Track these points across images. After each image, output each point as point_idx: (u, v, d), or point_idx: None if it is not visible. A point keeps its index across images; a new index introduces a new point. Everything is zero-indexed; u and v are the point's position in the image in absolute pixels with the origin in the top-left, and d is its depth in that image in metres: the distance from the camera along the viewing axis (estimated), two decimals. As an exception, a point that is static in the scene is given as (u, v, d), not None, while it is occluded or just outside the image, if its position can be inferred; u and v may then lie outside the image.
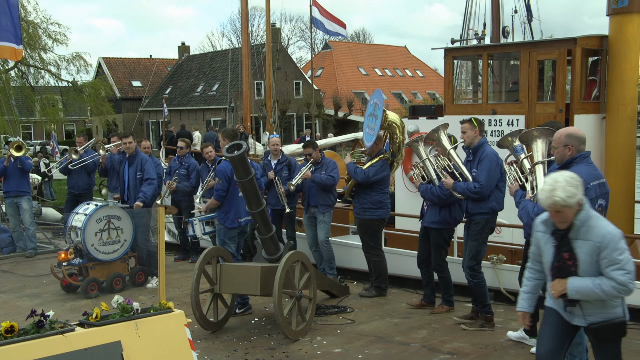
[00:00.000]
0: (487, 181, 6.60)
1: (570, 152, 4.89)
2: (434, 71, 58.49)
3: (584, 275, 4.02)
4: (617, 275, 3.90)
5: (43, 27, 29.20)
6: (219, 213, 7.87)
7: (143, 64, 52.00)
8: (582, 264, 4.02)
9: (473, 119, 6.81)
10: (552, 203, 3.95)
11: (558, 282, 4.08)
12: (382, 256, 8.31)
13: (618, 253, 3.92)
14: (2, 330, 3.81)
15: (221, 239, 7.87)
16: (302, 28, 60.94)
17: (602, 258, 3.95)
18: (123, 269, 8.90)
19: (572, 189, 3.93)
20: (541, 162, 5.35)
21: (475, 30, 14.36)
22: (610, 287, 3.91)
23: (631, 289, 3.92)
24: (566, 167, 4.91)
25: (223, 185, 7.65)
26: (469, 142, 6.79)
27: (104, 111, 33.33)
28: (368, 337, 6.67)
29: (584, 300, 4.06)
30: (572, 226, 4.01)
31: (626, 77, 9.02)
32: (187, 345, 4.52)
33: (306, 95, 42.55)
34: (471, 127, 6.73)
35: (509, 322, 6.99)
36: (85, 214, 8.55)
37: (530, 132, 5.53)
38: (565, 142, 4.89)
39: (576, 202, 3.94)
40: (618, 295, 3.99)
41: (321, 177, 8.65)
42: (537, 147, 5.42)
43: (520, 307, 4.49)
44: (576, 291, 4.02)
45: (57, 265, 8.69)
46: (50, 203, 17.98)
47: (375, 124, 7.95)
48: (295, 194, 9.13)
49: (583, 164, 4.87)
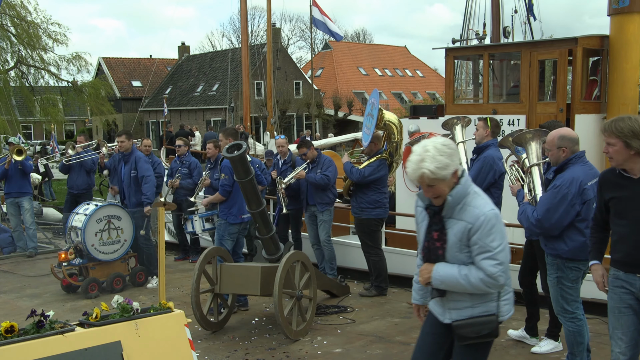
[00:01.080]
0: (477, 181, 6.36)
1: (565, 153, 4.90)
2: (434, 71, 58.47)
3: (452, 262, 3.47)
4: (486, 265, 3.35)
5: (43, 27, 29.26)
6: (221, 209, 7.85)
7: (143, 64, 51.98)
8: (451, 248, 3.45)
9: (488, 119, 6.80)
10: (419, 176, 3.36)
11: (426, 267, 3.56)
12: (382, 256, 8.30)
13: (491, 239, 3.36)
14: (2, 330, 3.81)
15: (220, 234, 7.82)
16: (302, 28, 61.01)
17: (473, 243, 3.39)
18: (123, 269, 8.89)
19: (443, 158, 3.33)
20: (537, 164, 5.32)
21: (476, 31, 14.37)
22: (479, 279, 3.37)
23: (501, 284, 3.39)
24: (562, 169, 4.92)
25: (229, 181, 7.66)
26: (478, 140, 6.79)
27: (104, 111, 33.36)
28: (368, 336, 6.67)
29: (451, 291, 3.50)
30: (445, 202, 3.44)
31: (627, 77, 9.01)
32: (187, 346, 4.51)
33: (306, 95, 42.54)
34: (483, 126, 6.73)
35: (509, 321, 6.95)
36: (85, 214, 8.55)
37: (524, 134, 5.48)
38: (559, 144, 4.90)
39: (450, 174, 3.37)
40: (486, 289, 3.42)
41: (315, 177, 8.60)
42: (531, 149, 5.39)
43: (413, 299, 4.00)
44: (440, 280, 3.47)
45: (58, 265, 8.68)
46: (50, 203, 17.98)
47: (371, 123, 7.95)
48: (299, 195, 9.09)
49: (579, 164, 4.88)
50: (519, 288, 6.51)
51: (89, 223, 8.44)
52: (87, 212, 8.55)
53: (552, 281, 5.12)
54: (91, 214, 8.49)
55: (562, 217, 4.85)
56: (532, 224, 4.99)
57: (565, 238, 4.93)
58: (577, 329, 5.11)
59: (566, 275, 5.01)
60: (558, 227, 4.89)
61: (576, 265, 4.99)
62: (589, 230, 4.75)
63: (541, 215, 4.89)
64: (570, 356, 5.25)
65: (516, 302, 7.42)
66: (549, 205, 4.86)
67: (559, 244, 4.97)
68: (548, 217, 4.86)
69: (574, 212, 4.86)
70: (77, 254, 8.57)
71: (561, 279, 5.05)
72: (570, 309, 5.07)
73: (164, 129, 28.70)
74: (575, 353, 5.19)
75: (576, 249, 4.93)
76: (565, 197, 4.81)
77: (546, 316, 6.04)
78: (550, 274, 5.14)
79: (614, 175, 4.09)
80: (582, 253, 4.91)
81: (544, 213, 4.87)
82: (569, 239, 4.93)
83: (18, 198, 10.98)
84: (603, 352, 5.80)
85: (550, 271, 5.13)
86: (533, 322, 6.24)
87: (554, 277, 5.09)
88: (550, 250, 5.06)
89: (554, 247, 5.01)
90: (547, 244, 5.09)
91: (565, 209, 4.83)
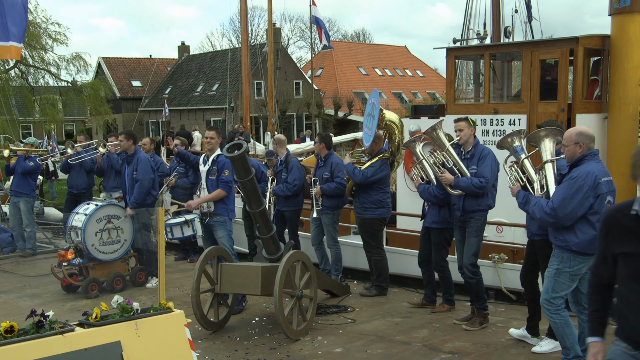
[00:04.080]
0: (491, 176, 6.66)
1: (581, 149, 5.02)
2: (434, 71, 58.46)
3: None
4: None
5: (43, 27, 29.21)
6: (220, 207, 7.82)
7: (143, 63, 51.95)
8: None
9: (469, 118, 6.86)
10: None
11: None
12: (383, 255, 8.29)
13: None
14: (2, 330, 3.79)
15: (226, 231, 7.79)
16: (302, 28, 60.94)
17: None
18: (123, 269, 8.87)
19: None
20: (550, 161, 5.45)
21: (477, 30, 14.37)
22: None
23: None
24: (577, 164, 5.04)
25: (231, 177, 7.72)
26: (465, 140, 6.81)
27: (102, 112, 33.33)
28: (369, 336, 6.65)
29: None
30: None
31: (628, 76, 9.01)
32: (187, 346, 4.50)
33: (306, 95, 42.52)
34: (467, 126, 6.79)
35: (510, 321, 6.97)
36: (85, 213, 8.53)
37: (537, 132, 5.62)
38: (577, 140, 5.03)
39: None
40: None
41: (330, 187, 8.49)
42: (545, 147, 5.51)
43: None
44: None
45: (58, 265, 8.66)
46: (50, 203, 17.97)
47: (372, 124, 7.94)
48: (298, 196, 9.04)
49: (593, 161, 5.02)
50: (520, 288, 6.53)
51: (89, 223, 8.42)
52: (87, 212, 8.53)
53: (550, 272, 5.21)
54: (91, 213, 8.47)
55: (577, 208, 4.96)
56: (546, 213, 5.08)
57: (576, 230, 5.03)
58: (563, 320, 5.22)
59: (568, 267, 5.09)
60: (572, 217, 4.99)
61: (582, 259, 5.07)
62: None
63: (557, 204, 5.00)
64: (565, 351, 5.31)
65: (517, 302, 7.49)
66: (565, 194, 4.97)
67: (569, 236, 5.06)
68: (563, 207, 4.97)
69: (588, 204, 4.96)
70: (77, 253, 8.56)
71: (560, 271, 5.13)
72: (555, 302, 5.20)
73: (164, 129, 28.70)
74: (568, 347, 5.25)
75: (586, 242, 5.01)
76: (581, 188, 4.93)
77: (547, 316, 6.03)
78: (551, 265, 5.22)
79: (627, 219, 3.04)
80: (591, 246, 5.00)
81: (560, 202, 4.98)
82: (580, 232, 5.03)
83: (16, 198, 11.06)
84: (604, 352, 5.78)
85: (553, 262, 5.21)
86: (534, 321, 6.24)
87: (553, 268, 5.19)
88: (559, 242, 5.13)
89: (564, 239, 5.09)
90: (557, 235, 5.16)
91: (580, 201, 4.94)
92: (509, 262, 8.02)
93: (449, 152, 6.88)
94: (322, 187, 8.54)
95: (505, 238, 9.07)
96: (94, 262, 8.59)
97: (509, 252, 8.50)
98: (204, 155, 8.07)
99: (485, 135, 9.63)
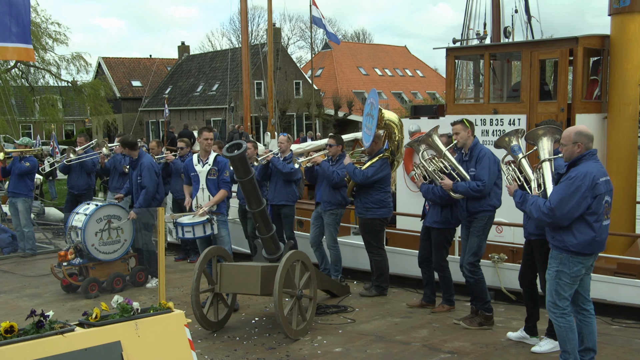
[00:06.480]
0: (489, 179, 6.64)
1: (580, 149, 5.01)
2: (434, 71, 58.47)
3: None
4: None
5: (43, 26, 29.20)
6: (222, 205, 7.90)
7: (143, 63, 51.95)
8: None
9: (465, 120, 6.86)
10: None
11: None
12: (384, 256, 8.29)
13: None
14: (1, 330, 3.79)
15: (227, 230, 7.94)
16: (302, 28, 60.97)
17: None
18: (123, 269, 8.88)
19: None
20: (548, 160, 5.41)
21: (477, 30, 14.36)
22: None
23: None
24: (575, 164, 5.02)
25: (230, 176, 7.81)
26: (462, 143, 6.81)
27: (102, 112, 33.32)
28: (369, 336, 6.65)
29: None
30: None
31: (628, 76, 9.00)
32: (187, 345, 4.50)
33: (306, 95, 42.53)
34: (464, 128, 6.78)
35: (509, 321, 6.97)
36: (85, 214, 8.54)
37: (536, 130, 5.58)
38: (575, 140, 5.01)
39: None
40: None
41: (327, 166, 8.41)
42: (543, 145, 5.47)
43: None
44: None
45: (58, 265, 8.67)
46: (51, 203, 17.97)
47: (372, 123, 7.94)
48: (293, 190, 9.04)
49: (591, 160, 5.00)
50: (519, 288, 6.53)
51: (89, 223, 8.43)
52: (87, 212, 8.54)
53: (551, 274, 5.17)
54: (91, 213, 8.48)
55: (574, 208, 4.93)
56: (543, 212, 5.05)
57: (574, 231, 5.00)
58: (568, 325, 5.17)
59: (568, 269, 5.06)
60: (569, 217, 4.96)
61: (580, 260, 5.04)
62: (598, 224, 4.93)
63: (554, 204, 4.96)
64: (563, 354, 5.26)
65: (516, 302, 7.49)
66: (563, 194, 4.94)
67: (567, 237, 5.03)
68: (561, 207, 4.94)
69: (586, 204, 4.93)
70: (77, 253, 8.57)
71: (560, 273, 5.10)
72: (561, 305, 5.15)
73: (164, 130, 28.68)
74: (568, 351, 5.20)
75: (584, 243, 4.99)
76: (579, 188, 4.90)
77: (546, 316, 6.01)
78: (551, 267, 5.19)
79: None
80: (589, 247, 4.99)
81: (558, 202, 4.95)
82: (578, 232, 4.99)
83: (14, 198, 11.07)
84: (603, 352, 5.79)
85: (552, 264, 5.18)
86: (533, 321, 6.24)
87: (553, 271, 5.16)
88: (557, 242, 5.10)
89: (561, 240, 5.06)
90: (554, 236, 5.12)
91: (578, 201, 4.91)
92: (509, 262, 8.03)
93: (446, 158, 6.88)
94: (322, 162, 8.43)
95: (505, 238, 9.07)
96: (94, 262, 8.59)
97: (509, 252, 8.51)
98: (197, 156, 8.07)
99: (485, 135, 9.64)
